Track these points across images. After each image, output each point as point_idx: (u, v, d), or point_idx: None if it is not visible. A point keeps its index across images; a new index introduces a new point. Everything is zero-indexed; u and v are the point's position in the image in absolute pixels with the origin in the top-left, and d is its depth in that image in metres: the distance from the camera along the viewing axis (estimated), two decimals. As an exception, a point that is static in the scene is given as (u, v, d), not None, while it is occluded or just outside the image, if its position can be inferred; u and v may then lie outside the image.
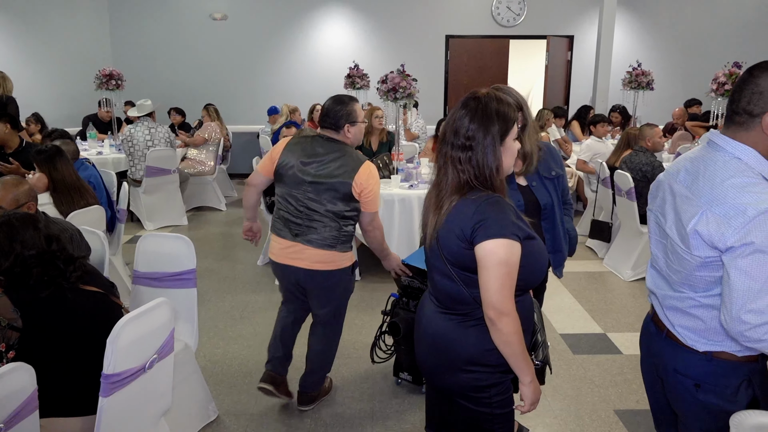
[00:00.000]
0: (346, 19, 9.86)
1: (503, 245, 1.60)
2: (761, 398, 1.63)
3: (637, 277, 5.02)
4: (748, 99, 1.53)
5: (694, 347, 1.65)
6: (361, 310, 4.39)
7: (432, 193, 1.78)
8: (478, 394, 1.78)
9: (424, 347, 1.88)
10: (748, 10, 10.07)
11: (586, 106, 8.63)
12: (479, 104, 1.68)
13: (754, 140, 1.54)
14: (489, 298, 1.63)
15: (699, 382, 1.65)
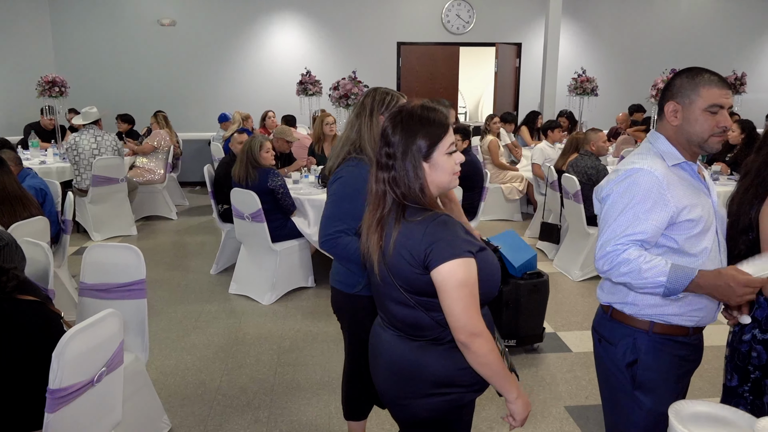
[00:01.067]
0: (297, 25, 9.84)
1: (460, 265, 1.51)
2: (642, 366, 1.81)
3: (585, 277, 5.17)
4: (662, 95, 1.84)
5: (600, 300, 1.93)
6: (316, 317, 4.38)
7: (371, 216, 1.65)
8: (450, 417, 1.71)
9: (386, 377, 1.74)
10: (684, 18, 10.54)
11: (534, 112, 8.85)
12: (400, 121, 1.58)
13: (665, 127, 1.82)
14: (456, 322, 1.53)
15: (601, 337, 1.92)
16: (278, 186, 4.57)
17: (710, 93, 1.73)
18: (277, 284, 4.70)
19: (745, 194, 1.92)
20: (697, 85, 1.74)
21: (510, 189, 7.23)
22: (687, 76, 1.78)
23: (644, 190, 1.69)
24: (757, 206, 1.87)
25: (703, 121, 1.74)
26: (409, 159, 1.56)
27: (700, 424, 1.41)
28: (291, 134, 6.04)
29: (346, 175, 2.20)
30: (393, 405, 1.77)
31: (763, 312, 1.93)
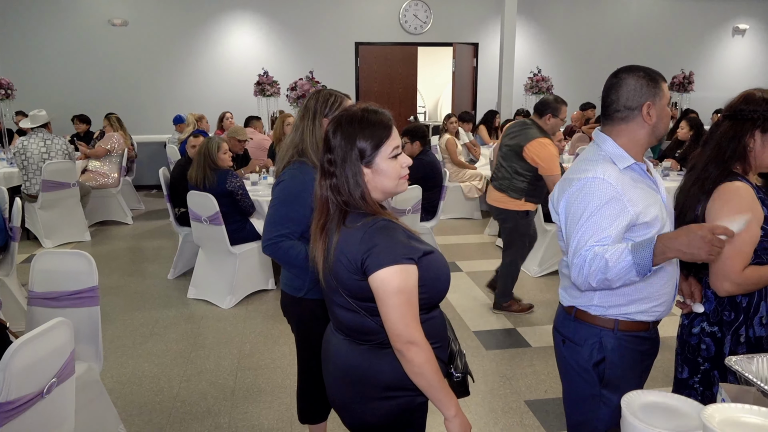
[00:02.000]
0: (254, 25, 9.73)
1: (397, 272, 1.48)
2: (609, 364, 1.84)
3: (543, 272, 5.26)
4: (627, 97, 1.80)
5: (563, 303, 1.94)
6: (276, 320, 4.33)
7: (316, 222, 1.63)
8: (402, 421, 1.67)
9: (335, 382, 1.72)
10: (634, 19, 10.84)
11: (492, 111, 8.96)
12: (340, 127, 1.55)
13: (634, 129, 1.82)
14: (393, 330, 1.51)
15: (565, 338, 1.93)
16: (237, 187, 4.50)
17: (666, 88, 1.82)
18: (237, 287, 4.64)
19: (692, 188, 1.97)
20: (658, 82, 1.79)
21: (469, 187, 7.31)
22: (642, 75, 1.80)
23: (600, 199, 1.70)
24: (703, 201, 1.92)
25: (666, 115, 1.82)
26: (348, 165, 1.53)
27: (651, 414, 1.45)
28: (243, 133, 5.98)
29: (287, 179, 2.17)
30: (342, 410, 1.74)
31: (710, 305, 1.99)
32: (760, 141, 1.89)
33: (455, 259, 5.74)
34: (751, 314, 1.95)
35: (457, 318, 4.35)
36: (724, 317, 1.97)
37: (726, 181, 1.88)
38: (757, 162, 1.92)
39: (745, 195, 1.85)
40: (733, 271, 1.83)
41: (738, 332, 1.95)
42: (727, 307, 1.96)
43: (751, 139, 1.89)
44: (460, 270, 5.43)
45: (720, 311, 1.97)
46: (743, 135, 1.89)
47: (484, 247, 6.20)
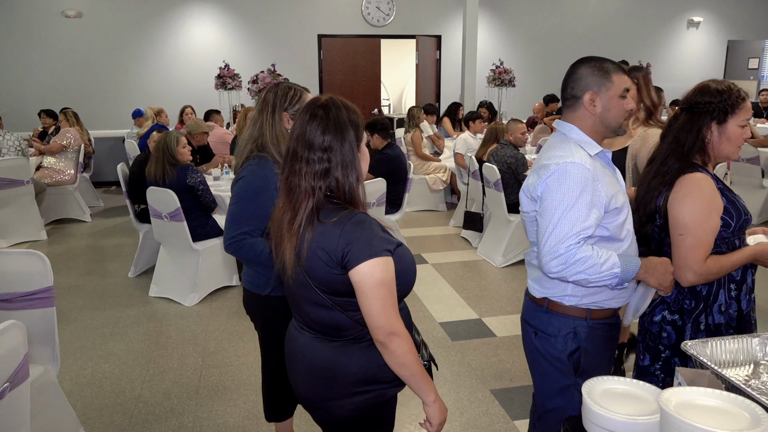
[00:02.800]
0: (213, 17, 9.55)
1: (378, 265, 1.50)
2: (583, 353, 1.87)
3: (508, 263, 5.32)
4: (572, 86, 1.85)
5: (534, 295, 1.93)
6: (241, 316, 4.28)
7: (283, 217, 1.59)
8: (375, 413, 1.69)
9: (305, 380, 1.70)
10: (593, 11, 11.01)
11: (455, 103, 9.00)
12: (329, 112, 1.55)
13: (581, 117, 1.84)
14: (375, 322, 1.52)
15: (537, 330, 1.93)
16: (198, 182, 4.42)
17: (620, 79, 1.81)
18: (200, 284, 4.56)
19: (653, 180, 2.00)
20: (608, 72, 1.80)
21: (434, 180, 7.33)
22: (592, 66, 1.82)
23: (580, 184, 1.71)
24: (665, 193, 1.96)
25: (619, 107, 1.81)
26: (347, 149, 1.54)
27: (611, 400, 1.48)
28: (205, 125, 5.88)
29: (247, 175, 2.13)
30: (315, 408, 1.73)
31: (671, 295, 2.03)
32: (717, 132, 1.93)
33: (421, 251, 5.76)
34: (711, 302, 2.00)
35: (423, 310, 4.37)
36: (684, 306, 2.01)
37: (687, 172, 1.92)
38: (715, 153, 1.96)
39: (705, 186, 1.90)
40: (696, 261, 1.88)
41: (698, 320, 2.00)
42: (687, 296, 2.01)
43: (708, 131, 1.93)
44: (425, 262, 5.45)
45: (681, 300, 2.02)
46: (701, 127, 1.93)
47: (449, 238, 6.23)
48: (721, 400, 1.28)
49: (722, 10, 11.56)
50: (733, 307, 2.02)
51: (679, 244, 1.91)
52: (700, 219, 1.88)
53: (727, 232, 1.94)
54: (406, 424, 2.96)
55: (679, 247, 1.91)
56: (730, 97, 1.91)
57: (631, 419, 1.37)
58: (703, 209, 1.89)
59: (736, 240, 1.97)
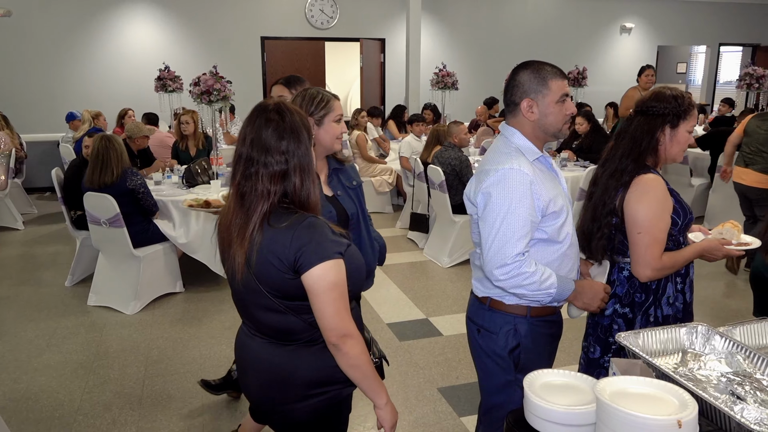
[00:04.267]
0: (153, 18, 9.31)
1: (330, 267, 1.51)
2: (523, 349, 1.94)
3: (454, 263, 5.41)
4: (512, 92, 1.90)
5: (477, 294, 2.00)
6: (186, 323, 4.19)
7: (232, 222, 1.58)
8: (331, 414, 1.70)
9: (259, 387, 1.70)
10: (531, 17, 11.32)
11: (400, 106, 9.07)
12: (284, 116, 1.56)
13: (520, 123, 1.90)
14: (328, 324, 1.53)
15: (480, 327, 1.99)
16: (138, 185, 4.31)
17: (558, 85, 1.85)
18: (142, 292, 4.44)
19: (610, 180, 2.08)
20: (545, 79, 1.84)
21: (380, 182, 7.37)
22: (531, 72, 1.86)
23: (520, 190, 1.77)
24: (621, 193, 2.04)
25: (557, 112, 1.86)
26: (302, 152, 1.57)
27: (551, 392, 1.53)
28: (144, 128, 5.73)
29: None
30: (271, 414, 1.72)
31: (622, 288, 2.12)
32: (669, 135, 2.03)
33: (368, 253, 5.77)
34: (660, 295, 2.10)
35: (371, 311, 4.39)
36: (635, 299, 2.11)
37: (641, 173, 2.01)
38: (667, 155, 2.06)
39: (659, 187, 2.00)
40: (654, 258, 1.98)
41: (648, 312, 2.10)
42: (638, 289, 2.10)
43: (661, 134, 2.03)
44: (372, 264, 5.47)
45: (632, 293, 2.11)
46: (655, 130, 2.03)
47: (396, 240, 6.28)
48: (651, 388, 1.35)
49: (652, 16, 12.09)
50: (679, 300, 2.13)
51: (637, 242, 2.00)
52: (655, 218, 1.98)
53: (675, 230, 2.05)
54: (356, 425, 2.97)
55: (638, 245, 2.00)
56: (683, 104, 2.02)
57: (569, 409, 1.43)
58: (657, 209, 1.98)
59: (681, 237, 2.09)
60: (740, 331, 1.72)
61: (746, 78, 8.37)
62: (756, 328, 1.74)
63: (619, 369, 1.50)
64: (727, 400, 1.40)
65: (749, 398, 1.39)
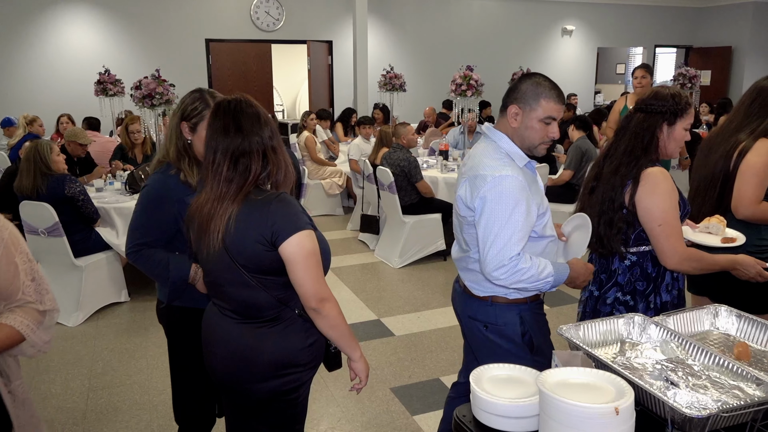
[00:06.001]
0: (91, 20, 9.03)
1: (307, 236, 1.63)
2: (532, 333, 2.03)
3: (404, 263, 5.44)
4: (507, 94, 1.96)
5: (477, 295, 2.04)
6: (132, 333, 4.08)
7: (203, 207, 1.69)
8: (290, 396, 1.78)
9: (224, 364, 1.79)
10: (477, 19, 11.52)
11: (349, 109, 9.08)
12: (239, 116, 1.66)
13: (504, 126, 1.97)
14: (309, 290, 1.64)
15: (486, 323, 2.04)
16: (77, 192, 4.16)
17: (548, 106, 1.89)
18: (85, 302, 4.29)
19: (614, 176, 2.16)
20: (539, 96, 1.88)
21: (330, 184, 7.36)
22: (532, 83, 1.91)
23: (515, 196, 1.83)
24: (630, 187, 2.10)
25: (538, 130, 1.91)
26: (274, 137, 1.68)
27: (497, 385, 1.56)
28: (84, 136, 5.54)
29: (150, 184, 2.09)
30: (232, 391, 1.82)
31: (624, 277, 2.21)
32: (666, 132, 2.13)
33: (319, 256, 5.75)
34: (659, 282, 2.20)
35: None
36: (637, 287, 2.19)
37: (648, 167, 2.10)
38: (666, 151, 2.15)
39: (667, 178, 2.10)
40: (678, 245, 2.07)
41: (648, 299, 2.19)
42: (639, 278, 2.19)
43: (660, 131, 2.12)
44: (324, 266, 5.45)
45: (633, 282, 2.20)
46: (655, 127, 2.12)
47: (347, 242, 6.28)
48: (591, 377, 1.39)
49: (592, 19, 12.49)
50: (675, 286, 2.23)
51: (659, 234, 2.08)
52: (671, 209, 2.07)
53: None
54: (310, 429, 2.96)
55: (660, 237, 2.08)
56: (680, 102, 2.11)
57: (513, 402, 1.46)
58: (670, 199, 2.08)
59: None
60: (674, 320, 1.80)
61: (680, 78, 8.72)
62: (688, 317, 1.82)
63: (561, 361, 1.54)
64: (662, 386, 1.46)
65: (682, 383, 1.46)
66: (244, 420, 1.87)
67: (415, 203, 5.48)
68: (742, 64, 12.68)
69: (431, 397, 3.26)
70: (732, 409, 1.30)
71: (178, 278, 2.03)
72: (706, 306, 1.88)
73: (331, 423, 3.04)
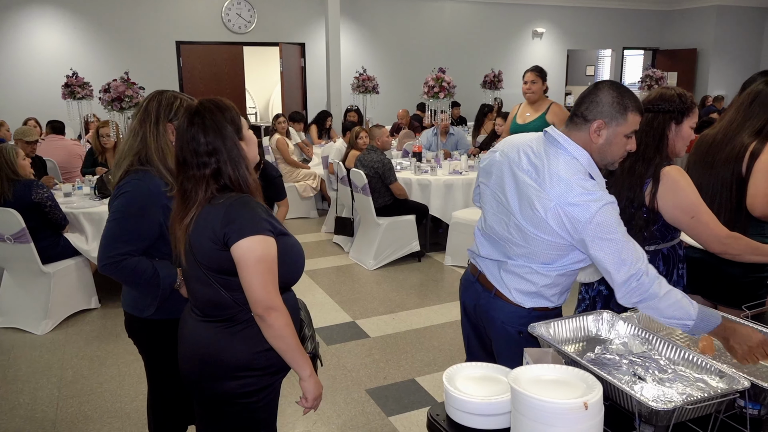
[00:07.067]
0: (58, 21, 8.87)
1: (258, 241, 1.61)
2: None
3: (379, 265, 5.45)
4: (587, 106, 1.80)
5: (521, 304, 1.92)
6: (103, 340, 4.01)
7: (177, 211, 1.73)
8: (246, 399, 1.76)
9: (189, 359, 1.82)
10: (448, 22, 11.60)
11: (325, 112, 9.05)
12: (205, 116, 1.66)
13: (584, 140, 1.80)
14: (254, 296, 1.62)
15: (522, 330, 1.92)
16: (45, 198, 4.08)
17: (634, 120, 1.79)
18: (54, 310, 4.21)
19: (629, 176, 2.18)
20: (626, 110, 1.77)
21: (304, 187, 7.33)
22: (617, 94, 1.78)
23: (618, 219, 1.71)
24: (650, 186, 2.12)
25: (621, 145, 1.80)
26: (229, 143, 1.66)
27: (470, 384, 1.58)
28: (32, 133, 5.40)
29: (131, 190, 1.98)
30: (194, 387, 1.83)
31: None
32: (674, 131, 2.18)
33: (293, 259, 5.73)
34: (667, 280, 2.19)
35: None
36: None
37: (665, 165, 2.14)
38: (675, 149, 2.20)
39: (684, 172, 2.13)
40: (718, 230, 2.08)
41: None
42: None
43: (668, 130, 2.17)
44: (298, 269, 5.43)
45: None
46: (664, 126, 2.17)
47: (322, 245, 6.26)
48: (561, 374, 1.42)
49: (562, 22, 12.68)
50: (680, 284, 2.29)
51: (696, 226, 2.10)
52: (697, 199, 2.10)
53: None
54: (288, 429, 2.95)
55: (698, 227, 2.10)
56: (686, 101, 2.17)
57: (485, 400, 1.48)
58: (693, 192, 2.11)
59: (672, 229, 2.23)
60: (641, 316, 1.83)
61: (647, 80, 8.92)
62: (655, 313, 1.86)
63: (532, 358, 1.56)
64: (630, 381, 1.49)
65: (648, 377, 1.49)
66: (207, 421, 1.87)
67: (389, 205, 5.50)
68: (707, 66, 12.99)
69: (407, 398, 3.27)
70: (696, 402, 1.33)
71: (167, 285, 1.99)
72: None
73: (306, 426, 3.03)
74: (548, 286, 1.90)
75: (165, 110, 2.06)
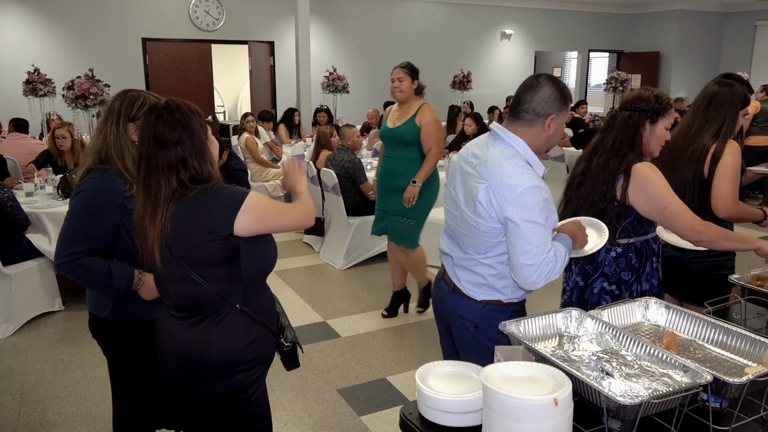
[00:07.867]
0: (18, 17, 8.63)
1: (253, 196, 1.69)
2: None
3: (349, 265, 5.44)
4: (538, 102, 1.89)
5: (473, 297, 2.01)
6: (67, 343, 3.92)
7: (143, 215, 1.71)
8: (240, 395, 1.78)
9: (173, 363, 1.80)
10: (418, 23, 11.65)
11: (291, 109, 9.01)
12: (173, 110, 1.69)
13: (534, 134, 1.92)
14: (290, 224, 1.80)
15: (477, 323, 2.03)
16: (5, 198, 3.96)
17: (569, 110, 1.98)
18: (15, 313, 4.09)
19: (603, 171, 2.24)
20: (567, 101, 1.95)
21: (273, 186, 7.28)
22: (559, 88, 1.91)
23: (542, 205, 1.82)
24: (622, 181, 2.19)
25: (561, 132, 1.99)
26: (197, 139, 1.70)
27: (443, 382, 1.59)
28: None
29: (88, 189, 1.96)
30: (183, 391, 1.83)
31: (609, 268, 2.29)
32: (649, 130, 2.23)
33: (263, 259, 5.68)
34: (641, 272, 2.29)
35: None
36: (622, 277, 2.29)
37: (637, 161, 2.20)
38: (649, 148, 2.25)
39: (656, 169, 2.19)
40: (693, 219, 2.16)
41: (631, 288, 2.29)
42: (624, 268, 2.29)
43: (643, 129, 2.23)
44: (268, 270, 5.39)
45: (618, 272, 2.29)
46: (639, 124, 2.23)
47: (292, 245, 6.23)
48: (531, 371, 1.44)
49: (529, 24, 12.84)
50: (655, 276, 2.34)
51: (669, 216, 2.17)
52: (668, 191, 2.16)
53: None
54: None
55: (671, 218, 2.17)
56: (662, 102, 2.22)
57: (457, 398, 1.49)
58: (664, 184, 2.17)
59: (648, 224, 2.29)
60: (608, 312, 1.87)
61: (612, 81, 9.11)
62: (621, 310, 1.90)
63: (503, 356, 1.58)
64: (598, 377, 1.52)
65: (616, 373, 1.52)
66: (201, 424, 1.86)
67: (359, 204, 5.49)
68: (669, 69, 13.32)
69: (378, 397, 3.27)
70: (662, 396, 1.36)
71: (122, 285, 1.96)
72: (637, 299, 1.97)
73: (278, 427, 3.01)
74: (495, 276, 1.97)
75: (126, 109, 2.04)
